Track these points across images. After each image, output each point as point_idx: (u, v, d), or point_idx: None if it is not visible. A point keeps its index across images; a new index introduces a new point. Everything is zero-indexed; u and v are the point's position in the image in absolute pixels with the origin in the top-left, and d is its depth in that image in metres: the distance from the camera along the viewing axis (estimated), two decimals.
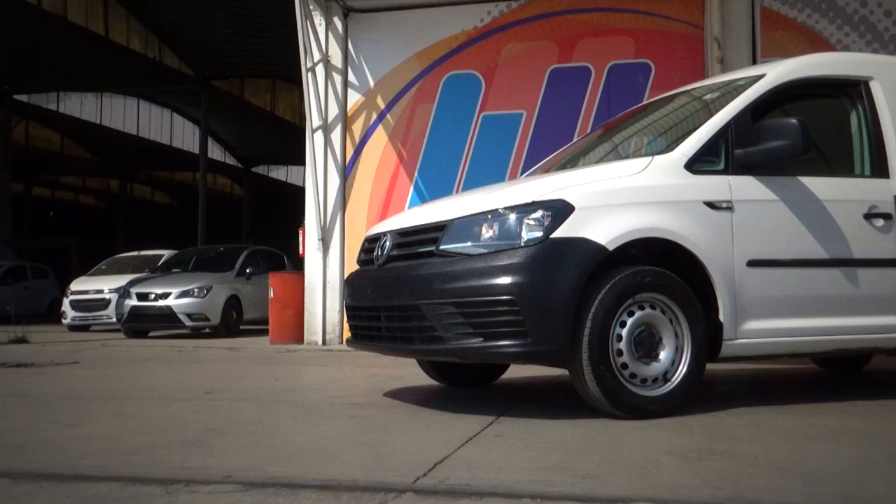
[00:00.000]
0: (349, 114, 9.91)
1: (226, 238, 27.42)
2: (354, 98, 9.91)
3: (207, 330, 12.64)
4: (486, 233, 3.74)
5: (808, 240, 4.09)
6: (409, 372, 5.44)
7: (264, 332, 10.84)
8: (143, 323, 12.57)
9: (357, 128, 9.89)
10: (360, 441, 3.33)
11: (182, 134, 35.58)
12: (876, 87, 4.51)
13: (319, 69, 9.85)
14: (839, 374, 6.02)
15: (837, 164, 4.50)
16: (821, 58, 5.19)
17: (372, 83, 9.86)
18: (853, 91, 4.52)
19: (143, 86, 29.84)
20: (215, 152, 37.39)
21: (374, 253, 4.30)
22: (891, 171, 4.38)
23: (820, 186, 4.16)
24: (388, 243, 4.21)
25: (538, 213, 3.66)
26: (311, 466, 2.81)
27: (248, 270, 13.46)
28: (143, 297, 12.43)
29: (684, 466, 2.72)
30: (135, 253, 17.04)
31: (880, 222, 4.25)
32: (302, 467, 2.79)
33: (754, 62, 8.54)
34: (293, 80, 25.53)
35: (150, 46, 26.18)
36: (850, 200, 4.24)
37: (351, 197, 9.82)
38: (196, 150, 32.09)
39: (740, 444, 3.11)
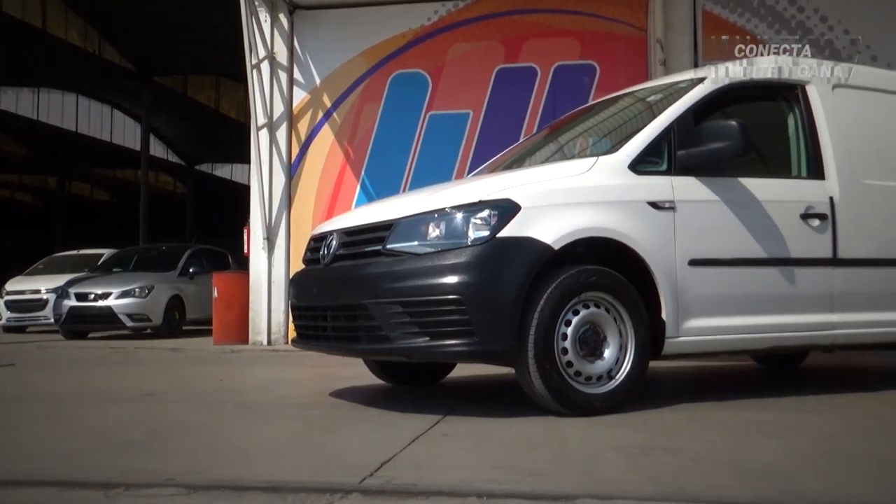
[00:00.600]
0: (295, 112, 9.82)
1: (168, 237, 26.93)
2: (300, 96, 9.83)
3: (149, 331, 12.41)
4: (433, 232, 3.74)
5: (747, 239, 4.17)
6: (355, 372, 5.41)
7: (208, 333, 10.69)
8: (82, 324, 12.28)
9: (303, 126, 9.80)
10: (307, 442, 3.30)
11: (123, 131, 34.83)
12: (812, 91, 4.63)
13: (265, 66, 9.74)
14: (777, 371, 6.17)
15: (775, 165, 4.61)
16: (760, 62, 5.31)
17: (318, 81, 9.78)
18: (790, 94, 4.63)
19: (82, 81, 29.15)
20: (157, 149, 36.70)
21: (321, 252, 4.27)
22: (826, 172, 4.51)
23: (759, 187, 4.26)
24: (334, 242, 4.18)
25: (485, 213, 3.68)
26: (256, 468, 2.77)
27: (191, 270, 13.25)
28: (82, 297, 12.14)
29: (628, 463, 2.75)
30: (73, 252, 16.62)
31: (816, 222, 4.37)
32: (247, 469, 2.76)
33: (696, 65, 8.69)
34: (238, 77, 25.20)
35: (89, 41, 25.58)
36: (787, 201, 4.34)
37: (297, 195, 9.73)
38: (138, 148, 31.45)
39: (682, 440, 3.17)
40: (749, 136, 3.96)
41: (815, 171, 4.52)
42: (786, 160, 4.61)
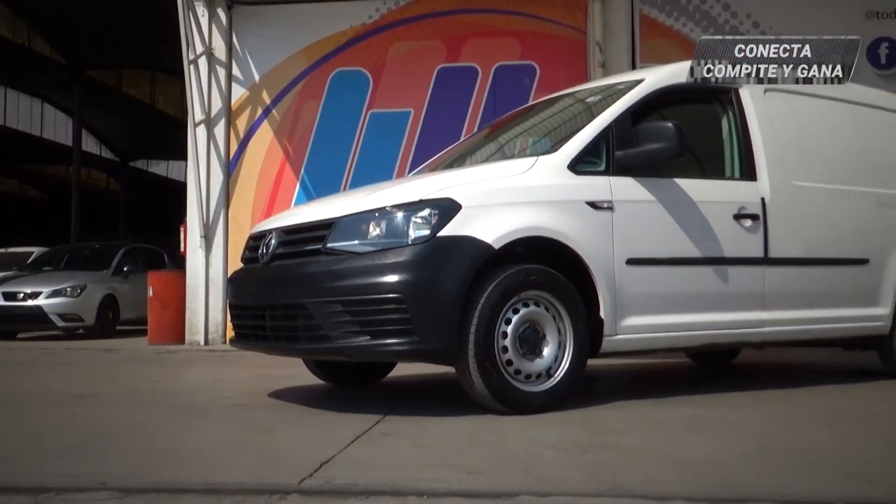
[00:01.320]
0: (233, 108, 9.68)
1: (101, 235, 26.26)
2: (239, 92, 9.69)
3: (81, 331, 12.09)
4: (374, 231, 3.73)
5: (682, 239, 4.26)
6: (294, 372, 5.36)
7: (142, 333, 10.47)
8: (10, 324, 11.88)
9: (241, 123, 9.67)
10: (246, 443, 3.26)
11: (54, 125, 33.81)
12: (745, 95, 4.75)
13: (202, 62, 9.57)
14: (710, 368, 6.31)
15: (710, 166, 4.72)
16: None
17: (257, 77, 9.66)
18: (724, 98, 4.74)
19: (11, 74, 28.21)
20: (90, 145, 35.74)
21: (259, 251, 4.22)
22: (758, 174, 4.63)
23: (694, 188, 4.35)
24: (273, 241, 4.14)
25: (425, 212, 3.68)
26: (193, 470, 2.73)
27: (125, 269, 12.96)
28: (10, 296, 11.76)
29: (566, 460, 2.79)
30: (1, 250, 16.11)
31: (748, 223, 4.49)
32: (184, 471, 2.71)
33: (634, 67, 8.84)
34: (175, 72, 24.71)
35: (17, 32, 24.78)
36: (721, 202, 4.45)
37: (235, 193, 9.60)
38: (69, 143, 30.60)
39: (620, 437, 3.22)
40: (684, 137, 4.04)
41: (748, 172, 4.63)
42: (720, 161, 4.72)
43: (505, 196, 3.84)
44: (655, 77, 4.55)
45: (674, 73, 4.68)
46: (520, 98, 8.65)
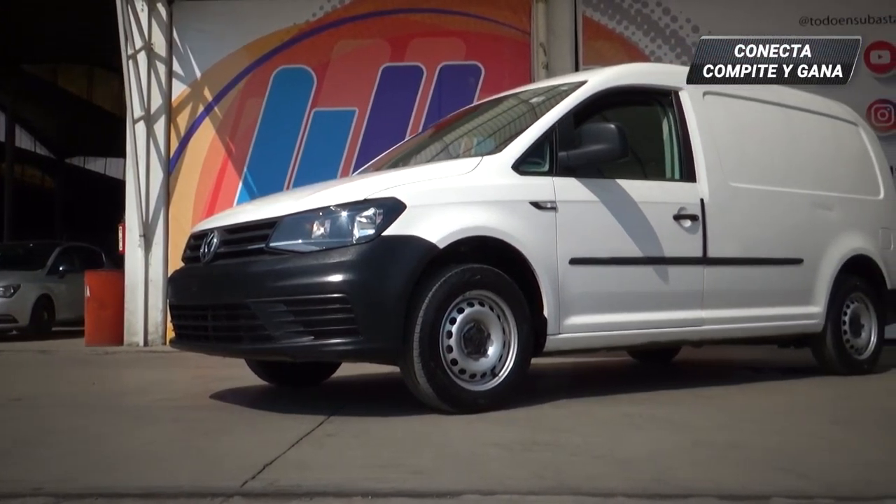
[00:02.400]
0: (174, 105, 9.52)
1: (36, 234, 25.56)
2: (180, 88, 9.53)
3: (15, 332, 11.76)
4: (318, 230, 3.70)
5: (624, 239, 4.33)
6: (237, 373, 5.29)
7: (79, 334, 10.22)
8: None
9: (182, 120, 9.51)
10: (187, 446, 3.21)
11: None
12: (685, 97, 4.84)
13: (141, 57, 9.39)
14: (651, 366, 6.42)
15: (651, 168, 4.80)
16: (636, 67, 5.53)
17: (199, 74, 9.51)
18: (665, 100, 4.83)
19: None
20: (24, 141, 34.73)
21: (201, 250, 4.16)
22: (697, 175, 4.73)
23: (635, 189, 4.42)
24: (215, 240, 4.08)
25: (370, 211, 3.67)
26: (133, 474, 2.67)
27: (61, 268, 12.64)
28: None
29: (510, 458, 2.81)
30: None
31: (688, 223, 4.58)
32: (123, 476, 2.66)
33: (577, 69, 8.94)
34: (113, 67, 24.17)
35: None
36: (661, 202, 4.53)
37: (176, 191, 9.44)
38: (1, 139, 29.71)
39: (563, 435, 3.26)
40: (626, 139, 4.10)
41: (688, 173, 4.73)
42: (661, 163, 4.80)
43: (450, 196, 3.85)
44: (598, 79, 4.61)
45: (616, 75, 4.75)
46: (464, 98, 8.68)
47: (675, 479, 2.50)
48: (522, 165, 4.11)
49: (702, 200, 4.66)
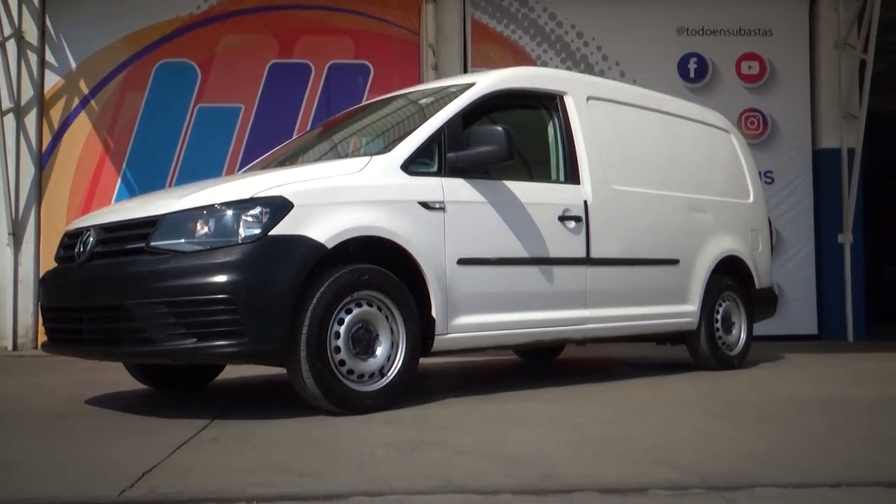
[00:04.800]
0: (47, 97, 9.05)
1: None
2: (53, 80, 9.07)
3: None
4: (202, 229, 3.60)
5: (511, 240, 4.40)
6: (114, 377, 5.09)
7: None
8: None
9: (56, 113, 9.06)
10: (62, 454, 3.05)
11: None
12: (569, 101, 4.97)
13: (10, 45, 8.89)
14: (536, 364, 6.56)
15: (537, 170, 4.90)
16: (524, 71, 5.63)
17: (74, 65, 9.08)
18: (551, 104, 4.94)
19: None
20: None
21: (76, 249, 3.97)
22: (581, 177, 4.86)
23: (522, 190, 4.50)
24: (91, 239, 3.91)
25: (256, 210, 3.60)
26: (5, 486, 2.53)
27: None
28: None
29: (398, 458, 2.81)
30: None
31: (572, 224, 4.70)
32: None
33: (465, 71, 9.03)
34: None
35: None
36: (547, 204, 4.63)
37: (48, 188, 8.98)
38: None
39: (450, 434, 3.28)
40: (513, 141, 4.17)
41: (572, 176, 4.85)
42: (546, 165, 4.91)
43: (338, 195, 3.82)
44: (487, 81, 4.67)
45: (504, 78, 4.83)
46: (353, 97, 8.64)
47: (559, 474, 2.56)
48: (411, 166, 4.12)
49: (585, 202, 4.79)
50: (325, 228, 3.68)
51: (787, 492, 2.34)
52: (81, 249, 3.93)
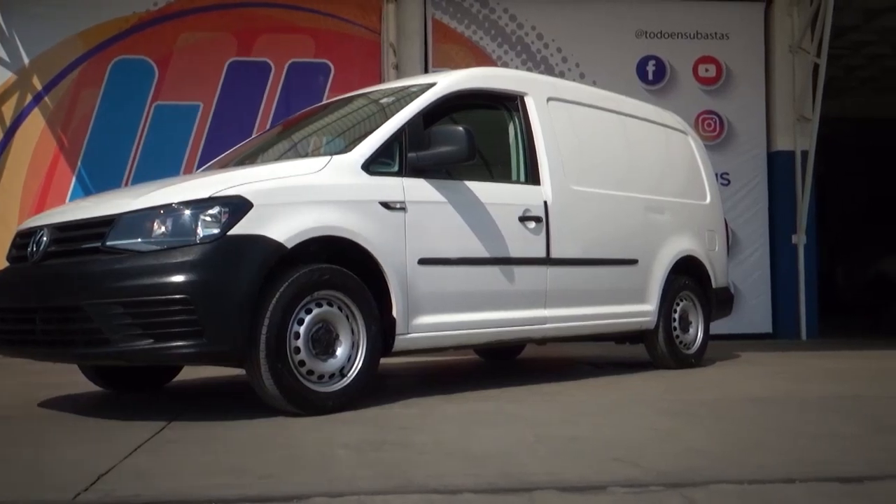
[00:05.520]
0: None
1: None
2: (5, 76, 8.86)
3: None
4: (159, 229, 3.56)
5: (471, 240, 4.41)
6: (69, 379, 5.00)
7: None
8: None
9: (8, 109, 8.86)
10: (14, 458, 2.99)
11: None
12: (530, 102, 5.00)
13: None
14: (497, 364, 6.58)
15: (498, 170, 4.92)
16: (484, 72, 5.66)
17: (27, 61, 8.89)
18: (511, 104, 4.97)
19: None
20: None
21: (29, 249, 3.89)
22: (542, 178, 4.88)
23: (482, 190, 4.51)
24: (45, 238, 3.83)
25: (215, 210, 3.56)
26: None
27: None
28: None
29: (359, 459, 2.80)
30: None
31: (532, 224, 4.72)
32: None
33: (426, 71, 9.03)
34: None
35: None
36: (508, 204, 4.65)
37: (0, 186, 8.79)
38: None
39: (411, 434, 3.28)
40: (474, 141, 4.18)
41: (532, 176, 4.88)
42: (507, 165, 4.93)
43: (298, 195, 3.80)
44: (448, 81, 4.68)
45: (465, 78, 4.84)
46: (314, 96, 8.58)
47: (519, 473, 2.58)
48: (372, 165, 4.11)
49: (545, 203, 4.82)
50: (285, 228, 3.65)
51: (743, 488, 2.38)
52: (34, 249, 3.85)
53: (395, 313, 4.03)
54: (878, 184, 15.98)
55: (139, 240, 3.55)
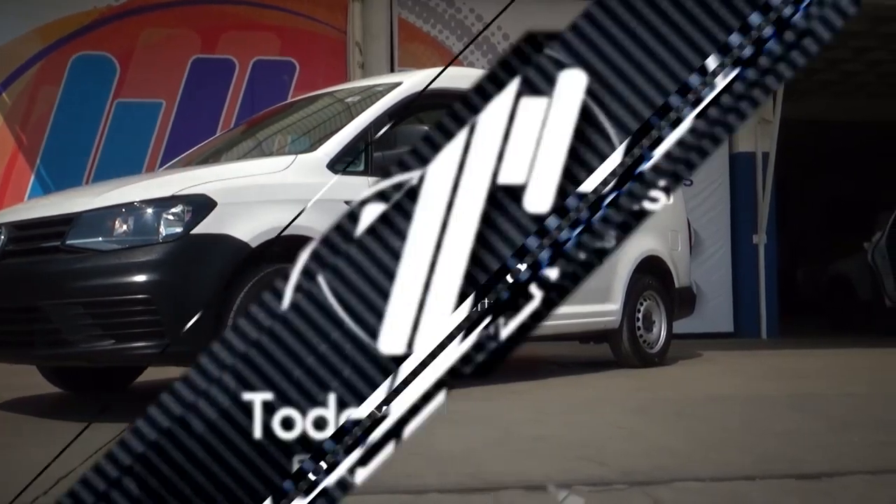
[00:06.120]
0: None
1: None
2: None
3: None
4: (120, 227, 3.51)
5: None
6: (27, 381, 4.90)
7: None
8: None
9: None
10: None
11: None
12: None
13: None
14: None
15: None
16: (451, 71, 5.63)
17: None
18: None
19: None
20: None
21: None
22: None
23: None
24: (3, 237, 3.76)
25: (178, 208, 3.52)
26: None
27: None
28: None
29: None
30: None
31: None
32: None
33: (392, 70, 9.02)
34: None
35: None
36: None
37: None
38: None
39: None
40: None
41: None
42: None
43: (262, 194, 3.77)
44: (413, 80, 4.68)
45: (431, 77, 4.83)
46: (279, 94, 8.52)
47: (486, 472, 2.58)
48: (338, 164, 4.09)
49: None
50: (249, 227, 3.62)
51: (705, 485, 2.41)
52: None
53: None
54: (837, 185, 16.29)
55: (100, 239, 3.50)
